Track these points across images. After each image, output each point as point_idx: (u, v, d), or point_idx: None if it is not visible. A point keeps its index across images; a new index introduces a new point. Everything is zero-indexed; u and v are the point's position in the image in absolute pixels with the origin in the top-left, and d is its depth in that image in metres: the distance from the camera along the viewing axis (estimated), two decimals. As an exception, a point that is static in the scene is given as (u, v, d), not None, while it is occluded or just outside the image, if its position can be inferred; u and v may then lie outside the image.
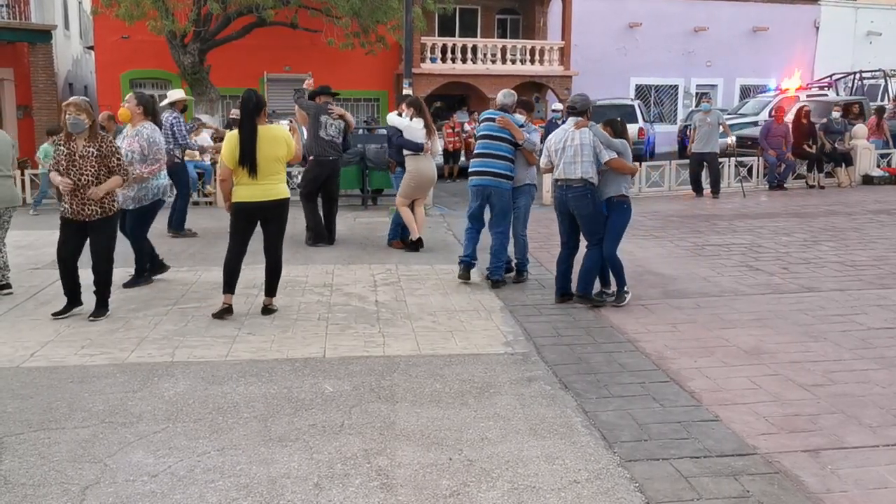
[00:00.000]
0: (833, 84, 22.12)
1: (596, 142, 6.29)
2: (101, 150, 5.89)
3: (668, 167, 14.58)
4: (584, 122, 6.41)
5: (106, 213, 5.97)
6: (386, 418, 4.11)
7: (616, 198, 6.37)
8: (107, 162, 5.92)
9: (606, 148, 6.29)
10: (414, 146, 8.54)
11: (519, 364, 5.00)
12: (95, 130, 5.95)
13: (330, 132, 9.07)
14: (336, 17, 18.33)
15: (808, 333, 5.61)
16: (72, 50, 25.45)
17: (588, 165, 6.28)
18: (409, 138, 8.57)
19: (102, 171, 5.91)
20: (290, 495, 3.31)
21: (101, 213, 5.93)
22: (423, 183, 8.74)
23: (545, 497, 3.30)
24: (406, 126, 8.61)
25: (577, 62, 24.41)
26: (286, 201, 6.12)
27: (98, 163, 5.88)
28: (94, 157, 5.86)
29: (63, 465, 3.56)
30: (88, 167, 5.85)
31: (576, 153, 6.31)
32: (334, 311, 6.25)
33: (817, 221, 10.78)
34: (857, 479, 3.45)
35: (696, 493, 3.32)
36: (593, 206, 6.36)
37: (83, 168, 5.85)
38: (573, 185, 6.34)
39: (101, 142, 5.93)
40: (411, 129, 8.57)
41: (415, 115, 8.63)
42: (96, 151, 5.86)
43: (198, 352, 5.21)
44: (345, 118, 9.37)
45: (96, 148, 5.87)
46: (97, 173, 5.88)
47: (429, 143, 8.61)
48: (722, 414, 4.16)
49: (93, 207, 5.89)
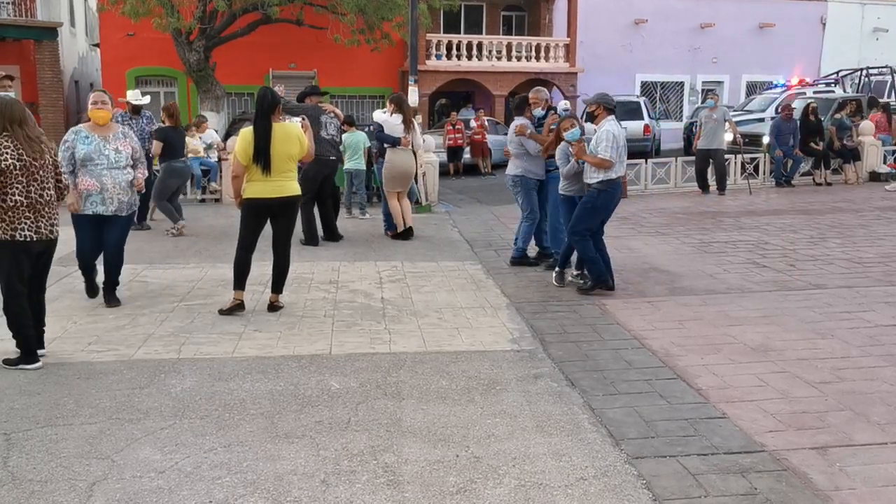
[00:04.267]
0: (840, 81, 22.03)
1: None
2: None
3: (674, 164, 14.54)
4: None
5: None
6: (392, 415, 4.11)
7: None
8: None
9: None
10: (390, 140, 9.26)
11: (525, 361, 4.99)
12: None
13: (330, 131, 9.08)
14: (341, 14, 18.34)
15: (815, 330, 5.59)
16: (78, 47, 25.52)
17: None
18: (387, 133, 9.29)
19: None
20: (296, 492, 3.31)
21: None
22: (397, 173, 9.35)
23: (552, 494, 3.29)
24: (384, 121, 9.36)
25: (582, 59, 24.38)
26: (297, 198, 6.14)
27: None
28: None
29: (70, 462, 3.57)
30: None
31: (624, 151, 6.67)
32: (340, 308, 6.26)
33: (824, 218, 10.75)
34: (865, 476, 3.43)
35: (703, 491, 3.31)
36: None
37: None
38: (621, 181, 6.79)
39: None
40: (389, 124, 9.29)
41: (395, 111, 9.30)
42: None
43: (204, 348, 5.22)
44: (336, 114, 9.42)
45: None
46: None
47: (407, 136, 9.23)
48: (729, 411, 4.14)
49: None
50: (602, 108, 6.63)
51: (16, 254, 4.69)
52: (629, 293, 6.69)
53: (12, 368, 4.75)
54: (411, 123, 9.31)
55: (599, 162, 6.43)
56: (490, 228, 10.30)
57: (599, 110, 6.63)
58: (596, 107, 6.68)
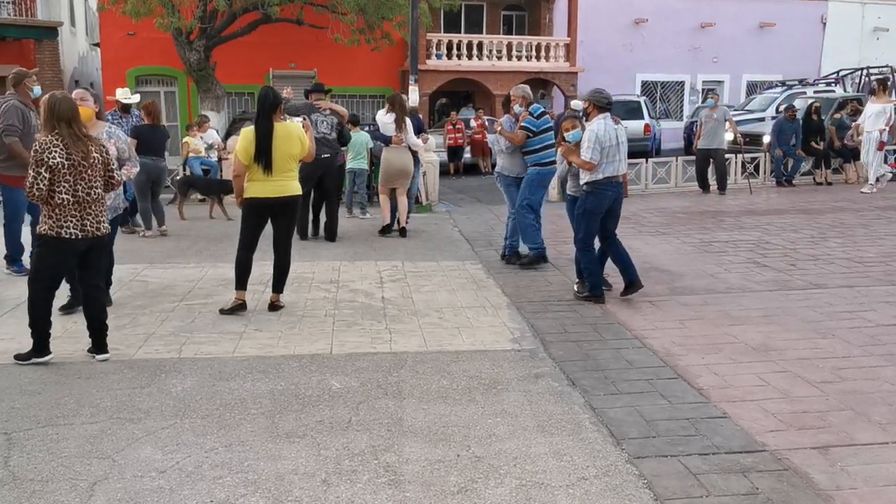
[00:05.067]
0: (840, 80, 22.02)
1: None
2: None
3: (675, 164, 14.53)
4: (618, 119, 6.54)
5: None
6: (393, 415, 4.11)
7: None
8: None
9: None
10: (383, 139, 9.54)
11: (526, 360, 4.99)
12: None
13: (322, 129, 9.05)
14: (342, 14, 18.34)
15: (816, 330, 5.58)
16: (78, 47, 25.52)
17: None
18: (382, 132, 9.56)
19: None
20: (297, 491, 3.31)
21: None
22: (390, 171, 9.55)
23: (553, 494, 3.29)
24: (378, 120, 9.70)
25: (583, 58, 24.37)
26: (298, 198, 6.15)
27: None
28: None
29: (71, 461, 3.57)
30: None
31: (622, 151, 6.35)
32: (341, 308, 6.25)
33: (825, 218, 10.74)
34: (866, 476, 3.43)
35: (704, 490, 3.31)
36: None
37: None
38: (620, 182, 6.45)
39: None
40: (383, 124, 9.54)
41: (389, 111, 9.47)
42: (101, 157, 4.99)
43: (205, 348, 5.22)
44: (335, 111, 9.40)
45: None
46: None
47: (400, 135, 9.39)
48: (730, 411, 4.14)
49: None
50: (593, 106, 6.35)
51: (61, 250, 4.77)
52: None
53: (24, 363, 4.81)
54: (403, 122, 9.39)
55: (581, 164, 6.28)
56: (491, 228, 10.30)
57: (591, 108, 6.38)
58: (587, 104, 6.44)
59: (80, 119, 4.84)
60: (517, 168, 7.79)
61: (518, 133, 7.57)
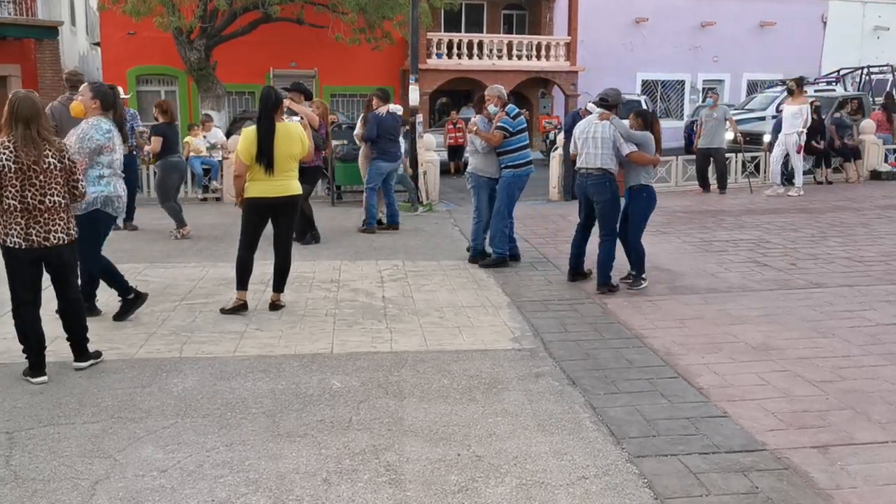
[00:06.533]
0: (840, 79, 22.02)
1: (616, 135, 6.62)
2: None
3: (675, 163, 14.52)
4: (608, 115, 6.74)
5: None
6: (394, 414, 4.12)
7: (636, 187, 6.73)
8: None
9: (627, 141, 6.63)
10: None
11: (526, 360, 5.00)
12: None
13: None
14: (342, 13, 18.35)
15: (816, 329, 5.59)
16: (78, 46, 25.53)
17: (607, 157, 6.62)
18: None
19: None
20: (298, 490, 3.31)
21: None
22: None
23: (554, 493, 3.30)
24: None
25: (583, 58, 24.37)
26: (299, 197, 6.16)
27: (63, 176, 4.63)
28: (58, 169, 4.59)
29: (73, 460, 3.58)
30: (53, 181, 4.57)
31: (596, 144, 6.66)
32: (342, 307, 6.26)
33: (825, 217, 10.74)
34: (866, 475, 3.44)
35: (705, 489, 3.32)
36: (611, 194, 6.69)
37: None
38: (592, 173, 6.70)
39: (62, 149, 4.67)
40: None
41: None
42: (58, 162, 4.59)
43: (206, 347, 5.23)
44: (305, 116, 8.58)
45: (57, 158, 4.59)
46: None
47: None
48: (730, 410, 4.15)
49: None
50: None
51: (10, 260, 4.52)
52: (630, 292, 6.69)
53: (23, 379, 4.64)
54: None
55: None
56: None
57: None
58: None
59: (41, 120, 4.47)
60: (491, 169, 7.73)
61: (495, 133, 7.56)
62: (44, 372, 4.62)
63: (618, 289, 6.71)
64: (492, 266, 7.68)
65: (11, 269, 4.56)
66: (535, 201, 12.74)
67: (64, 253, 4.65)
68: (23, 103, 4.43)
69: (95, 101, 5.67)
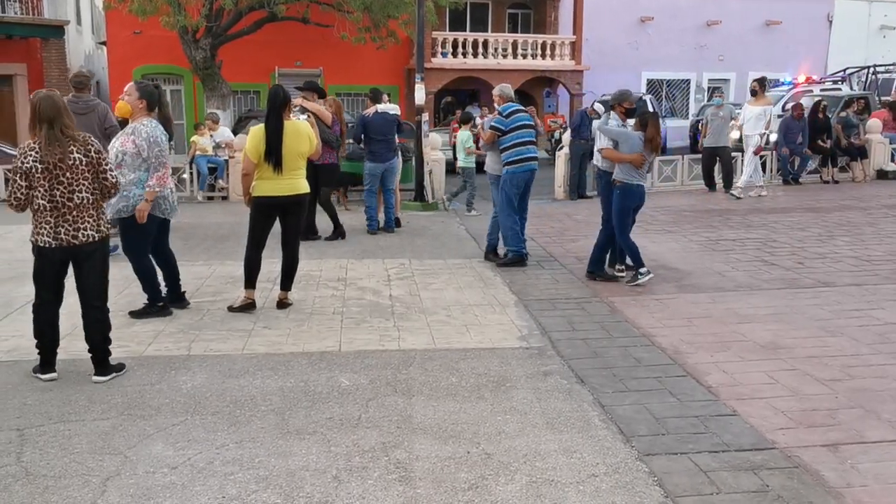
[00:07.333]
0: (846, 78, 21.96)
1: (597, 132, 7.33)
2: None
3: (681, 162, 14.51)
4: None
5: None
6: (403, 412, 4.12)
7: (617, 182, 6.90)
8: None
9: (607, 136, 7.06)
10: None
11: (534, 358, 5.00)
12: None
13: None
14: (348, 12, 18.35)
15: (824, 328, 5.58)
16: (84, 45, 25.58)
17: (597, 153, 7.35)
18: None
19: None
20: (309, 488, 3.32)
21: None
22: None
23: (564, 490, 3.30)
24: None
25: (588, 57, 24.35)
26: (307, 196, 6.17)
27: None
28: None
29: (83, 457, 3.59)
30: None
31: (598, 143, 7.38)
32: (349, 306, 6.27)
33: (832, 216, 10.72)
34: (877, 473, 3.43)
35: (715, 488, 3.32)
36: (601, 188, 7.35)
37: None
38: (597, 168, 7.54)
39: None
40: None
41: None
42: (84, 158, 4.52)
43: (214, 345, 5.24)
44: (317, 113, 8.76)
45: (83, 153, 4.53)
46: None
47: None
48: (740, 408, 4.14)
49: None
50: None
51: (39, 257, 4.53)
52: (637, 290, 6.69)
53: (32, 375, 4.67)
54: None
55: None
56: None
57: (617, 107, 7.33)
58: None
59: (64, 118, 4.43)
60: (497, 166, 7.82)
61: (487, 132, 7.77)
62: (54, 369, 4.65)
63: (615, 279, 7.03)
64: (509, 265, 7.65)
65: (38, 267, 4.57)
66: (540, 200, 12.73)
67: (93, 252, 4.58)
68: (44, 103, 4.42)
69: (142, 101, 5.66)
